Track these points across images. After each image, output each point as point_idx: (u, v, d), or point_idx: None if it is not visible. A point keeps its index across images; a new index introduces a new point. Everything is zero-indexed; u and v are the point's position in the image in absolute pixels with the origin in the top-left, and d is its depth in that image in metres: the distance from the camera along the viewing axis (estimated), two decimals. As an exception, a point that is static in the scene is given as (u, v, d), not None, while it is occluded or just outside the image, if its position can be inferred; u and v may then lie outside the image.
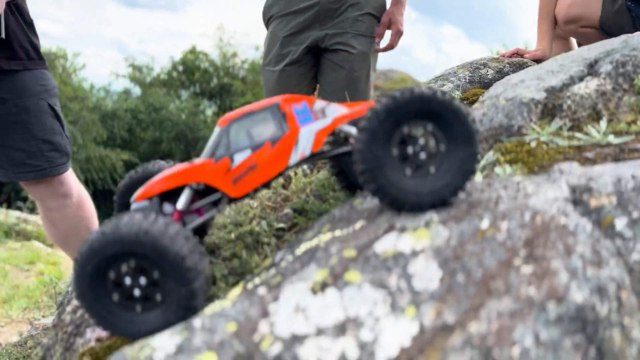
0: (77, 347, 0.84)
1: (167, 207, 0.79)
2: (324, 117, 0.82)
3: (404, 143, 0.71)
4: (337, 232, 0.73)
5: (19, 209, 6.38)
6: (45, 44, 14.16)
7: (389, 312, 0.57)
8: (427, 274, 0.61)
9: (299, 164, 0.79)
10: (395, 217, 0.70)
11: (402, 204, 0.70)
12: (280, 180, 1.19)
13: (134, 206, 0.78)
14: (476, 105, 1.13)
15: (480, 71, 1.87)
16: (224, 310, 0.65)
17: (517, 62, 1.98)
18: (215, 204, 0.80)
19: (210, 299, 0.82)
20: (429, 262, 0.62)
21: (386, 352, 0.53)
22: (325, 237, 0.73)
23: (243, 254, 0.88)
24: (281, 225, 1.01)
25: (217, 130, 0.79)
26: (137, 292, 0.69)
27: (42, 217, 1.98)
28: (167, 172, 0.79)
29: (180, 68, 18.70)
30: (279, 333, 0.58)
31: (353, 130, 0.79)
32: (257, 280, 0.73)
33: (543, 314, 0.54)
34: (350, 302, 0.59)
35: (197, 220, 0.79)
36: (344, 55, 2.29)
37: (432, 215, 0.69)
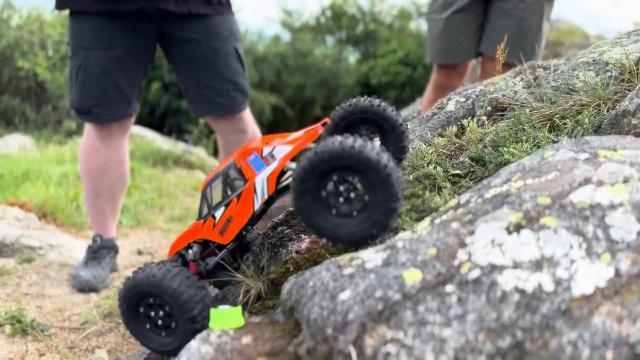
0: (280, 256, 1.00)
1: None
2: (273, 160, 0.96)
3: (327, 190, 0.81)
4: (529, 181, 0.77)
5: (185, 141, 7.18)
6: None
7: (584, 256, 0.62)
8: (625, 226, 0.64)
9: (266, 203, 0.99)
10: (591, 171, 0.73)
11: (334, 240, 0.83)
12: (454, 129, 1.24)
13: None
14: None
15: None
16: (421, 236, 0.74)
17: None
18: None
19: (395, 229, 0.93)
20: (627, 215, 0.65)
21: (581, 288, 0.58)
22: (516, 184, 0.78)
23: (426, 194, 0.96)
24: (457, 171, 1.07)
25: (201, 192, 1.04)
26: (159, 321, 0.97)
27: (221, 148, 2.24)
28: (181, 235, 1.07)
29: (329, 13, 18.87)
30: (477, 261, 0.65)
31: (293, 165, 0.93)
32: (444, 217, 0.81)
33: None
34: (545, 243, 0.64)
35: (215, 259, 1.05)
36: (515, 3, 2.19)
37: (632, 172, 0.71)
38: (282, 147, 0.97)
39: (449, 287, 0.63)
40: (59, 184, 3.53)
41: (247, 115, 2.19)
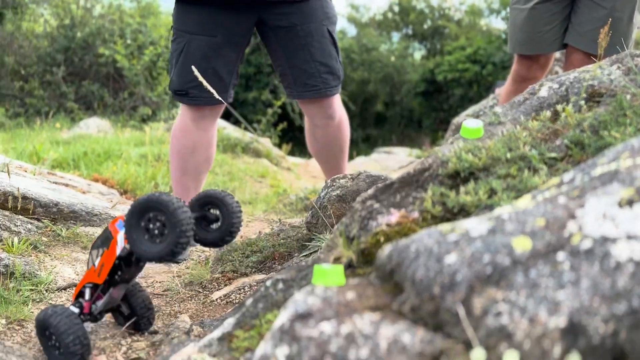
0: (370, 228, 1.03)
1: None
2: None
3: (143, 224, 1.22)
4: (639, 160, 0.76)
5: (254, 129, 7.37)
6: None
7: None
8: None
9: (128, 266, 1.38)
10: None
11: (146, 258, 1.24)
12: (548, 113, 1.22)
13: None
14: None
15: None
16: (527, 209, 0.74)
17: None
18: (106, 290, 1.42)
19: (491, 206, 0.93)
20: None
21: None
22: (626, 163, 0.76)
23: (525, 172, 0.96)
24: (553, 154, 1.05)
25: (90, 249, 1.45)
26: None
27: (307, 130, 2.30)
28: (79, 283, 1.43)
29: (396, 9, 18.71)
30: (589, 233, 0.65)
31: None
32: (547, 194, 0.80)
33: None
34: (663, 217, 0.63)
35: (103, 301, 1.42)
36: (605, -7, 2.11)
37: None
38: None
39: (561, 256, 0.63)
40: (137, 164, 3.72)
41: (337, 101, 2.22)
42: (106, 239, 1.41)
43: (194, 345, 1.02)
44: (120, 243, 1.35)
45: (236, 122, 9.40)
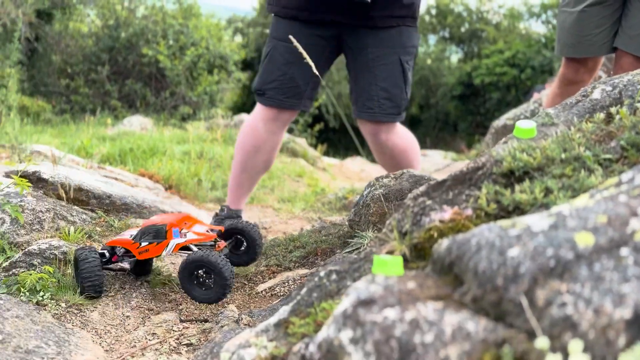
0: (423, 224, 1.05)
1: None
2: (184, 237, 1.73)
3: (197, 276, 1.64)
4: (703, 160, 0.76)
5: (291, 130, 7.46)
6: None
7: None
8: None
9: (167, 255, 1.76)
10: None
11: (198, 300, 1.66)
12: (601, 115, 1.22)
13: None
14: None
15: None
16: (587, 207, 0.76)
17: None
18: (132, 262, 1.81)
19: (547, 205, 0.94)
20: None
21: None
22: (689, 163, 0.77)
23: (581, 173, 0.97)
24: (608, 156, 1.06)
25: (141, 228, 1.77)
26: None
27: (372, 150, 2.37)
28: (115, 240, 1.77)
29: (433, 11, 18.56)
30: (653, 230, 0.66)
31: (194, 248, 1.76)
32: (606, 193, 0.81)
33: None
34: None
35: (123, 263, 1.81)
36: (660, -4, 2.07)
37: None
38: (189, 234, 1.74)
39: (624, 251, 0.65)
40: (181, 161, 3.83)
41: (394, 129, 2.24)
42: (159, 235, 1.71)
43: (251, 331, 1.07)
44: (169, 250, 1.71)
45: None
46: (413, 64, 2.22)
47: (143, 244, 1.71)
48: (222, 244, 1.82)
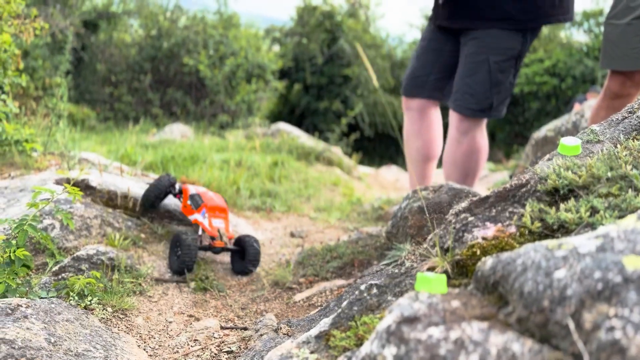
0: (465, 240, 1.06)
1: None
2: (203, 219, 2.15)
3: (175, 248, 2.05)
4: None
5: (326, 139, 7.51)
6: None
7: None
8: None
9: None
10: None
11: (170, 268, 2.02)
12: (650, 134, 1.19)
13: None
14: None
15: None
16: (635, 229, 0.75)
17: None
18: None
19: (592, 225, 0.93)
20: None
21: None
22: None
23: (628, 192, 0.95)
24: (657, 175, 1.04)
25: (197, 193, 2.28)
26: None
27: (448, 138, 2.54)
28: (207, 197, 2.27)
29: (471, 20, 18.33)
30: None
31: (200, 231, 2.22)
32: (655, 215, 0.80)
33: None
34: None
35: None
36: None
37: None
38: (208, 220, 2.14)
39: (676, 276, 0.64)
40: (220, 169, 3.91)
41: (473, 125, 2.44)
42: (195, 204, 2.20)
43: (292, 342, 1.09)
44: (190, 218, 2.19)
45: (308, 131, 9.59)
46: (514, 65, 2.33)
47: (188, 202, 2.22)
48: (220, 243, 2.12)
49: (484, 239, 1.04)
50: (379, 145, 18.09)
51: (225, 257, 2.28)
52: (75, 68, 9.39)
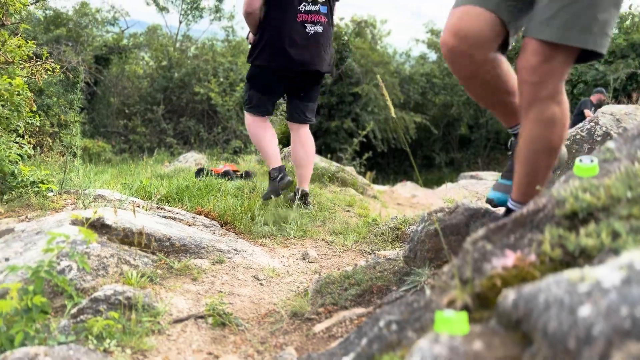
0: (485, 271, 1.03)
1: None
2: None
3: None
4: None
5: (339, 159, 7.50)
6: (359, 12, 15.60)
7: None
8: None
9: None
10: None
11: None
12: (669, 149, 1.16)
13: None
14: None
15: None
16: (662, 258, 0.72)
17: None
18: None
19: (615, 250, 0.90)
20: None
21: None
22: None
23: (651, 215, 0.92)
24: (680, 193, 1.00)
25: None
26: None
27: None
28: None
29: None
30: None
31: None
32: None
33: None
34: None
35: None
36: None
37: None
38: None
39: None
40: (234, 196, 3.91)
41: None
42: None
43: (312, 383, 1.06)
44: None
45: (320, 152, 9.58)
46: None
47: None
48: None
49: (504, 268, 1.01)
50: (393, 161, 18.05)
51: (243, 289, 2.26)
52: (89, 102, 9.57)
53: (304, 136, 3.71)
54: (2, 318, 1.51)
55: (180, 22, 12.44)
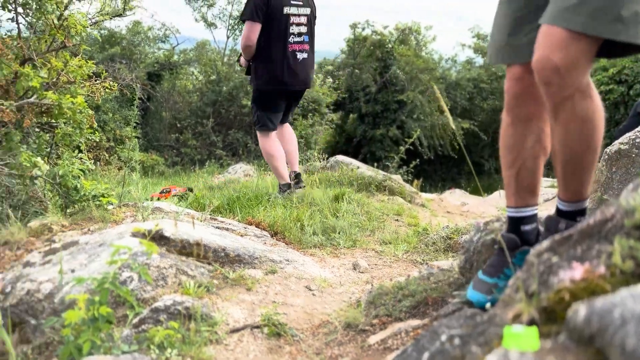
0: (552, 284, 1.00)
1: None
2: None
3: None
4: None
5: (385, 167, 7.47)
6: (403, 19, 15.55)
7: None
8: None
9: None
10: None
11: None
12: None
13: None
14: None
15: None
16: None
17: None
18: None
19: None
20: None
21: None
22: None
23: None
24: None
25: None
26: None
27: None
28: None
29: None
30: None
31: None
32: None
33: None
34: None
35: None
36: None
37: None
38: None
39: None
40: (283, 206, 3.96)
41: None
42: None
43: (373, 397, 1.06)
44: None
45: (365, 161, 9.58)
46: None
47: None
48: None
49: (572, 281, 0.97)
50: (440, 168, 17.77)
51: (296, 299, 2.28)
52: (143, 117, 9.93)
53: (288, 130, 4.64)
54: (70, 328, 1.58)
55: (228, 37, 12.78)
